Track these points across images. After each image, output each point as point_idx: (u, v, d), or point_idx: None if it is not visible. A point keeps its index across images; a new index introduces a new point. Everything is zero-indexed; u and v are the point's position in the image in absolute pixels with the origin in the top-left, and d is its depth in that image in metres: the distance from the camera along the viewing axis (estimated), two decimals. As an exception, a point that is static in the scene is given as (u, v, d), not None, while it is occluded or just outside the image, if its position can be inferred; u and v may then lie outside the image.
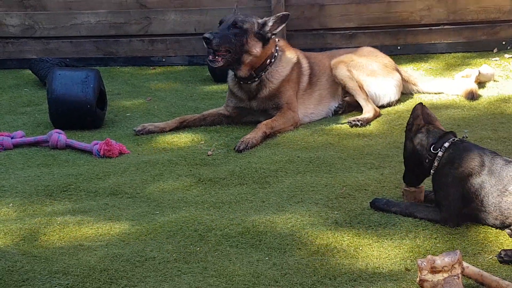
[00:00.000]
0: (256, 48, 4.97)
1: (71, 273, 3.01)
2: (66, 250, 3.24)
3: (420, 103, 3.57)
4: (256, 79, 5.06)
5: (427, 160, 3.44)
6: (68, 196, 3.98)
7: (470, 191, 3.30)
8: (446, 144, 3.42)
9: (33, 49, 7.30)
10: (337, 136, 4.84)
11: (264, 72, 5.06)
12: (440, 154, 3.40)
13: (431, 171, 3.44)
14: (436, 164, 3.41)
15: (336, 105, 5.35)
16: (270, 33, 5.00)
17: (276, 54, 5.11)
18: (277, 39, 5.19)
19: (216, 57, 4.88)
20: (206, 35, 4.86)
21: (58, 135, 4.84)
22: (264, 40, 4.99)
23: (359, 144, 4.65)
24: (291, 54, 5.24)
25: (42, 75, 6.51)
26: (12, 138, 4.90)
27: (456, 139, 3.47)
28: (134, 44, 7.26)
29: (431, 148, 3.43)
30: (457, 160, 3.36)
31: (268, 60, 5.07)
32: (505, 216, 3.24)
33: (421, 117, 3.51)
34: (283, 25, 5.02)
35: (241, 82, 5.10)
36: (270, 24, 5.00)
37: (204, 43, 4.91)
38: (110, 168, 4.40)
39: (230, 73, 5.22)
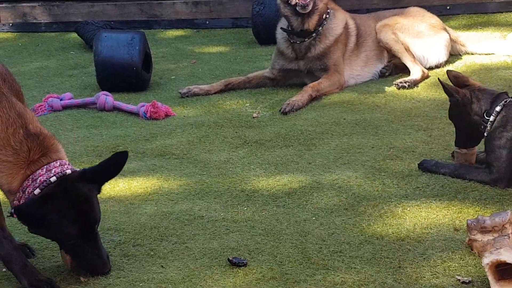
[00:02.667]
0: (323, 2, 4.97)
1: (123, 230, 3.09)
2: (118, 209, 3.32)
3: (448, 71, 3.52)
4: (313, 34, 5.02)
5: (482, 127, 3.41)
6: (117, 157, 4.04)
7: None
8: (498, 108, 3.38)
9: (78, 12, 7.38)
10: (383, 98, 4.79)
11: (321, 27, 5.02)
12: (492, 119, 3.37)
13: (485, 134, 3.41)
14: (489, 128, 3.38)
15: (382, 67, 5.28)
16: None
17: (329, 11, 5.07)
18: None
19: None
20: None
21: (106, 97, 4.90)
22: None
23: (407, 106, 4.60)
24: (341, 15, 5.19)
25: (88, 38, 6.58)
26: (61, 100, 4.99)
27: (508, 99, 3.41)
28: (178, 7, 7.26)
29: (485, 115, 3.39)
30: (510, 122, 3.33)
31: (324, 15, 5.04)
32: None
33: (462, 89, 3.47)
34: None
35: (293, 41, 5.05)
36: None
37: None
38: (156, 130, 4.45)
39: (280, 32, 5.17)
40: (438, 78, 3.53)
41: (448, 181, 3.45)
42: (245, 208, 3.29)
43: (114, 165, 2.66)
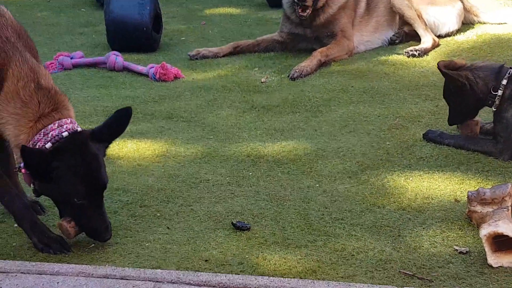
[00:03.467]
0: None
1: (130, 190, 3.16)
2: (125, 169, 3.38)
3: (438, 64, 3.52)
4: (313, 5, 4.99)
5: (489, 102, 3.44)
6: (126, 117, 4.09)
7: None
8: (504, 82, 3.40)
9: (90, -30, 7.34)
10: (392, 66, 4.80)
11: None
12: (500, 93, 3.39)
13: (493, 108, 3.44)
14: (497, 102, 3.40)
15: (393, 34, 5.26)
16: None
17: None
18: None
19: (306, 9, 4.88)
20: None
21: (116, 57, 4.94)
22: None
23: (415, 75, 4.61)
24: None
25: (99, -5, 6.59)
26: (71, 58, 5.02)
27: (511, 72, 3.43)
28: (189, -33, 7.22)
29: (492, 90, 3.41)
30: None
31: None
32: None
33: (462, 72, 3.47)
34: None
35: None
36: None
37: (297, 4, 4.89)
38: (165, 92, 4.50)
39: None
40: (438, 67, 3.52)
41: (452, 152, 3.49)
42: (250, 173, 3.35)
43: (119, 122, 2.64)
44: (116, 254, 2.61)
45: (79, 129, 2.61)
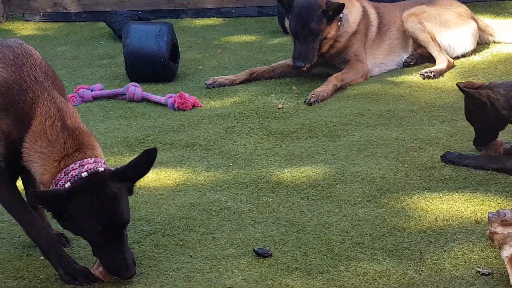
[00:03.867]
0: (332, 32, 4.98)
1: (152, 220, 3.20)
2: (147, 199, 3.43)
3: (457, 84, 3.55)
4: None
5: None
6: (146, 148, 4.13)
7: None
8: None
9: (107, 2, 7.50)
10: (408, 88, 4.83)
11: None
12: None
13: None
14: None
15: (407, 56, 5.29)
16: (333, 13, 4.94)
17: (341, 15, 5.03)
18: None
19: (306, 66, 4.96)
20: (298, 64, 4.92)
21: (135, 88, 5.02)
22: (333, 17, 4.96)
23: (431, 97, 4.63)
24: (356, 8, 5.17)
25: (116, 28, 6.70)
26: (91, 90, 5.11)
27: None
28: (204, -4, 7.34)
29: None
30: None
31: (337, 22, 5.03)
32: None
33: (482, 91, 3.49)
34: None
35: None
36: (332, 8, 4.90)
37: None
38: (184, 121, 4.55)
39: None
40: (458, 85, 3.55)
41: (471, 173, 3.49)
42: (270, 200, 3.38)
43: (144, 162, 2.67)
44: (141, 284, 2.65)
45: (101, 168, 2.62)
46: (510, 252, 2.56)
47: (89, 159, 2.63)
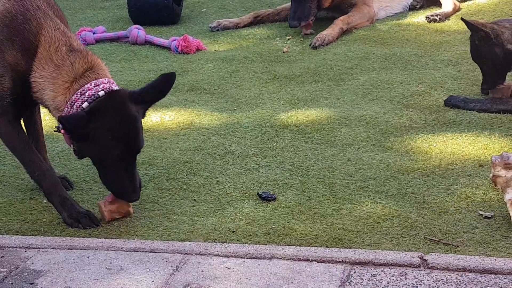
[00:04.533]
0: None
1: (156, 164, 3.21)
2: (151, 143, 3.43)
3: (462, 18, 3.53)
4: None
5: None
6: (150, 91, 4.13)
7: None
8: None
9: None
10: (414, 32, 4.77)
11: None
12: None
13: None
14: None
15: (413, -1, 5.22)
16: None
17: None
18: None
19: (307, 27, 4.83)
20: (292, 24, 4.78)
21: (138, 31, 4.97)
22: None
23: (437, 40, 4.57)
24: None
25: (119, -30, 6.59)
26: (94, 33, 5.06)
27: None
28: None
29: None
30: None
31: None
32: None
33: (487, 24, 3.44)
34: None
35: None
36: None
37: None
38: (188, 64, 4.52)
39: None
40: (462, 19, 3.51)
41: (475, 116, 3.48)
42: (275, 144, 3.38)
43: (161, 86, 2.62)
44: (145, 227, 2.67)
45: (116, 88, 2.60)
46: (513, 196, 2.57)
47: (103, 79, 2.59)
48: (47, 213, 2.83)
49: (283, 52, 4.63)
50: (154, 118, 3.72)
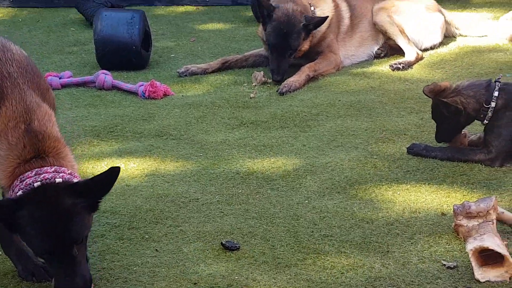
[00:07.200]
0: (305, 46, 4.97)
1: (118, 212, 3.17)
2: (114, 190, 3.31)
3: (424, 89, 3.60)
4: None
5: (482, 115, 3.49)
6: (115, 137, 4.11)
7: None
8: (496, 93, 3.47)
9: (79, -12, 7.36)
10: (378, 80, 4.84)
11: None
12: (493, 104, 3.45)
13: (485, 121, 3.50)
14: (490, 114, 3.46)
15: (378, 48, 5.32)
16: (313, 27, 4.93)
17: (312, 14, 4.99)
18: None
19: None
20: (277, 79, 4.83)
21: (105, 76, 4.95)
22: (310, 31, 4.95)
23: (400, 88, 4.65)
24: (328, 5, 5.14)
25: (88, 14, 6.60)
26: (60, 78, 5.04)
27: (499, 84, 3.49)
28: (178, -17, 7.26)
29: (484, 104, 3.46)
30: (510, 103, 3.45)
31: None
32: None
33: (454, 98, 3.52)
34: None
35: None
36: (312, 23, 4.88)
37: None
38: (155, 110, 4.51)
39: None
40: (426, 93, 3.57)
41: (437, 164, 3.52)
42: (240, 191, 3.37)
43: (108, 179, 2.43)
44: (103, 280, 2.61)
45: (59, 179, 2.39)
46: (474, 245, 2.59)
47: (49, 167, 2.41)
48: (1, 265, 2.75)
49: (250, 98, 4.65)
50: (118, 165, 3.67)
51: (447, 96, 3.52)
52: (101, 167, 3.66)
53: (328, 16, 4.97)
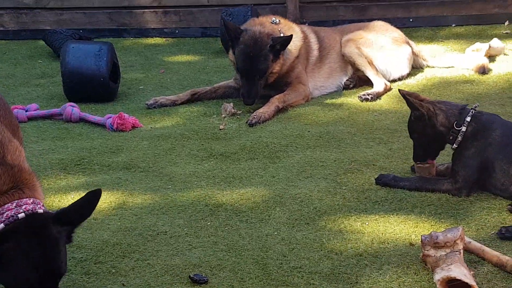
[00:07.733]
0: (276, 67, 5.01)
1: (85, 247, 3.12)
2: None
3: (400, 90, 3.67)
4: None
5: (451, 137, 3.52)
6: (82, 170, 4.07)
7: (488, 160, 3.42)
8: (468, 119, 3.49)
9: (46, 20, 7.36)
10: (347, 111, 4.88)
11: None
12: (464, 129, 3.48)
13: (454, 145, 3.52)
14: (460, 138, 3.48)
15: (347, 79, 5.38)
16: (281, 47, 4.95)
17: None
18: (278, 21, 5.12)
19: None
20: (248, 103, 4.90)
21: (72, 108, 4.91)
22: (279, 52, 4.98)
23: (369, 119, 4.69)
24: (297, 34, 5.18)
25: (56, 46, 6.57)
26: (26, 111, 4.98)
27: (474, 111, 3.53)
28: (147, 16, 7.28)
29: (455, 126, 3.50)
30: (479, 133, 3.47)
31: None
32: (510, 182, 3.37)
33: (424, 103, 3.57)
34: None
35: None
36: (279, 43, 4.91)
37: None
38: (123, 142, 4.48)
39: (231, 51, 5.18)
40: (401, 92, 3.64)
41: (405, 195, 3.54)
42: (209, 223, 3.34)
43: (87, 205, 2.44)
44: (69, 315, 2.56)
45: (40, 210, 2.38)
46: (442, 275, 2.60)
47: (27, 199, 2.40)
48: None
49: (220, 129, 4.65)
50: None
51: (421, 102, 3.57)
52: (67, 200, 3.61)
53: (292, 35, 4.99)
